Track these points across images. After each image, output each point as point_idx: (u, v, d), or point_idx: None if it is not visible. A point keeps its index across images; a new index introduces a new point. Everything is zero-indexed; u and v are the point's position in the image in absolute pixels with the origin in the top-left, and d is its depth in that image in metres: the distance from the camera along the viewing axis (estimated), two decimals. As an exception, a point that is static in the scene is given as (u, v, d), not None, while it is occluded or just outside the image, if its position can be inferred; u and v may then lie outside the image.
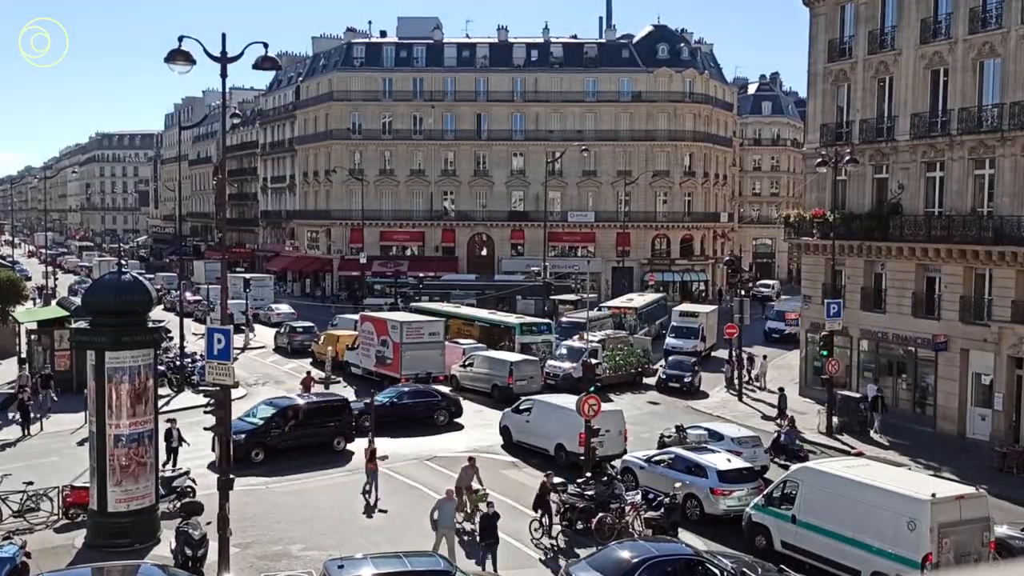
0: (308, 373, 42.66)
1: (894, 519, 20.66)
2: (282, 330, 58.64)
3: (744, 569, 20.54)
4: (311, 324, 58.05)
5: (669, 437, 31.91)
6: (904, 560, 20.27)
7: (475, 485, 25.71)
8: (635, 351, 48.30)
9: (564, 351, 46.54)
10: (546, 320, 53.22)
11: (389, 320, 45.95)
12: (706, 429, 32.08)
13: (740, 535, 24.51)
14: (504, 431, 34.55)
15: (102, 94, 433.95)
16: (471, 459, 26.60)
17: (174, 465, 28.87)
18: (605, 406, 30.14)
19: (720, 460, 27.44)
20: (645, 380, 46.72)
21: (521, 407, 34.30)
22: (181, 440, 30.09)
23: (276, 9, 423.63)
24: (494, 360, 43.27)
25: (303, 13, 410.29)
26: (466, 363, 44.74)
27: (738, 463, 27.69)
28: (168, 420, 30.21)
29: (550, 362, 45.69)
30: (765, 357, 48.99)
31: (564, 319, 54.60)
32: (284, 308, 69.97)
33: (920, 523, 20.17)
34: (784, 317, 60.87)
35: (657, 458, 28.40)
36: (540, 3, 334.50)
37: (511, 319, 51.05)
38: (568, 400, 32.06)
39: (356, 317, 51.94)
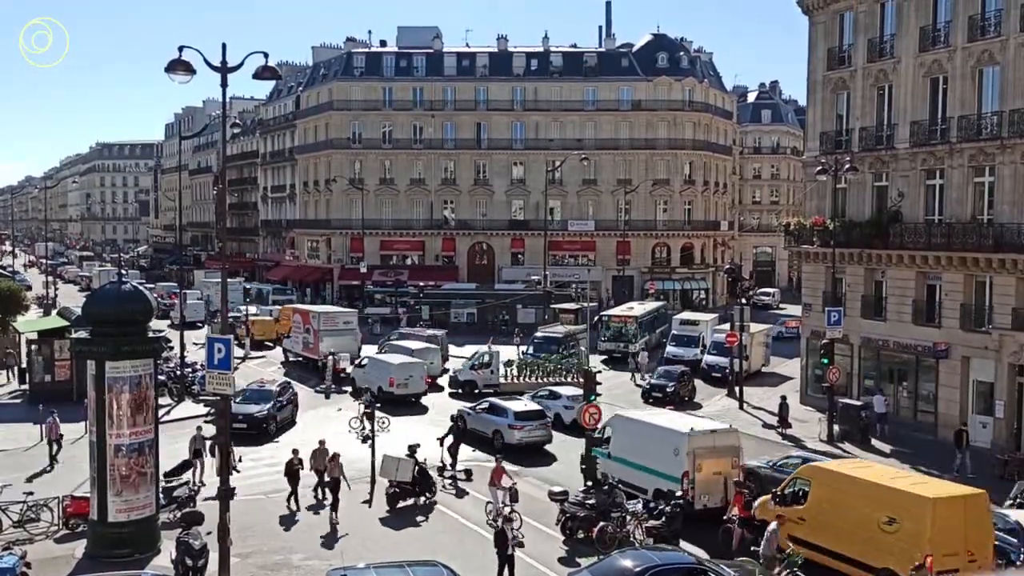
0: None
1: (666, 449, 26.98)
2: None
3: None
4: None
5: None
6: (672, 478, 26.48)
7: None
8: (573, 358, 48.52)
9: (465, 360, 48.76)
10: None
11: (311, 311, 54.07)
12: (548, 390, 41.10)
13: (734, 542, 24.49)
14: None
15: (102, 104, 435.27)
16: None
17: (200, 474, 29.46)
18: (404, 358, 44.72)
19: (518, 405, 36.53)
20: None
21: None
22: (207, 451, 30.09)
23: (276, 19, 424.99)
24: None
25: (303, 23, 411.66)
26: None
27: (532, 406, 36.68)
28: (197, 428, 31.75)
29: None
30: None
31: (539, 332, 54.52)
32: None
33: (681, 450, 26.54)
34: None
35: (479, 407, 37.26)
36: (540, 12, 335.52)
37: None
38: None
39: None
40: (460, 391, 46.13)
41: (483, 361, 46.94)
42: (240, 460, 29.54)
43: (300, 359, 54.22)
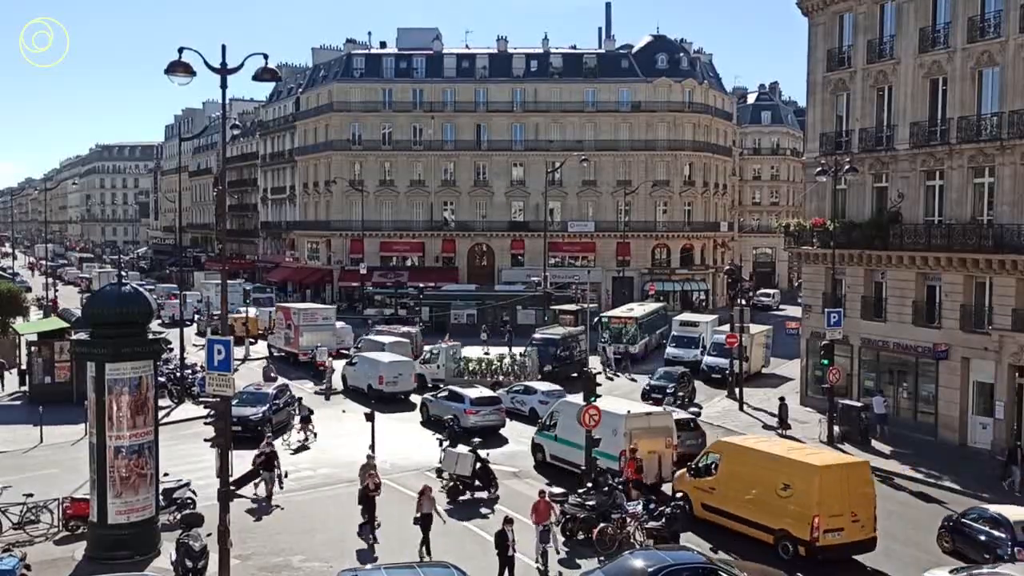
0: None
1: (607, 430, 28.97)
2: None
3: None
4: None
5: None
6: (611, 456, 29.10)
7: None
8: (512, 362, 48.38)
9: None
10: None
11: (292, 308, 57.79)
12: (524, 385, 43.16)
13: (742, 543, 24.50)
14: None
15: (102, 106, 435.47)
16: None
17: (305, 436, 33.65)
18: (393, 356, 46.51)
19: (474, 392, 39.72)
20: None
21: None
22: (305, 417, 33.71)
23: (276, 21, 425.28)
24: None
25: (303, 25, 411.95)
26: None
27: (487, 393, 40.02)
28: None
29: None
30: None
31: (537, 334, 54.49)
32: None
33: (619, 430, 29.31)
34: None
35: (440, 394, 40.71)
36: (539, 14, 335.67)
37: None
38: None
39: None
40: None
41: (426, 358, 48.68)
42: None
43: (283, 354, 57.05)
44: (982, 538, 23.63)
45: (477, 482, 28.85)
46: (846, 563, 23.59)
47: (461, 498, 28.65)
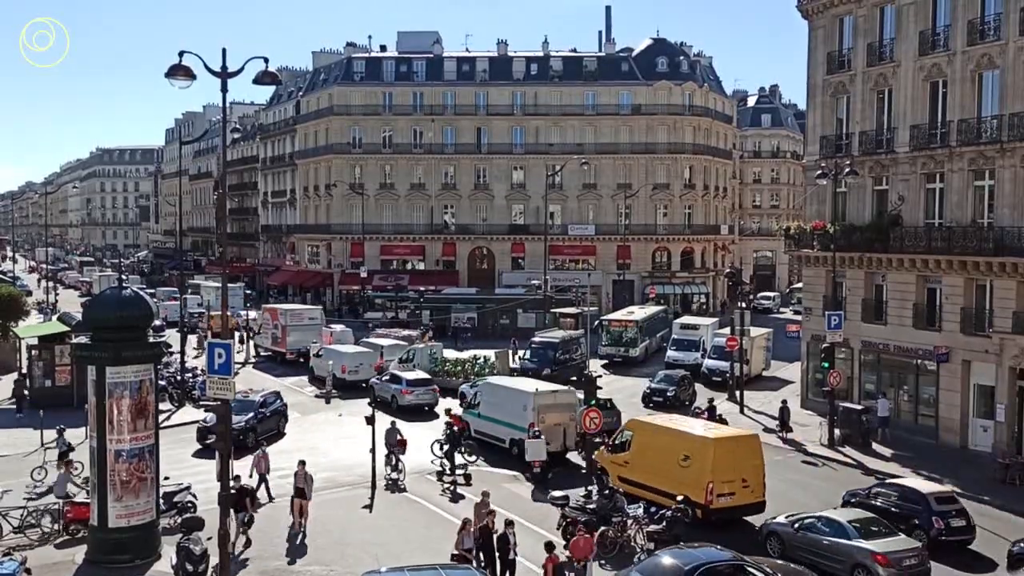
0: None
1: (518, 406, 33.81)
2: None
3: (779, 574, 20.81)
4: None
5: None
6: (522, 429, 32.87)
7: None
8: (485, 362, 49.08)
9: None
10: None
11: (279, 308, 60.29)
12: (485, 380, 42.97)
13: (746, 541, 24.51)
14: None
15: (103, 109, 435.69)
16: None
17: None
18: (355, 349, 51.00)
19: (410, 374, 44.49)
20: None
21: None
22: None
23: (276, 24, 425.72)
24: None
25: (303, 28, 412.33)
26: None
27: (421, 376, 44.64)
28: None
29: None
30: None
31: (536, 338, 54.53)
32: None
33: (528, 406, 33.29)
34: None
35: (384, 377, 45.19)
36: (539, 17, 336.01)
37: None
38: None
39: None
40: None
41: (403, 358, 49.76)
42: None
43: (270, 353, 59.17)
44: (895, 510, 25.47)
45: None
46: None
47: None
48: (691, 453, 26.92)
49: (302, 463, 26.87)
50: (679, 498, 25.60)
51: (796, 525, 24.11)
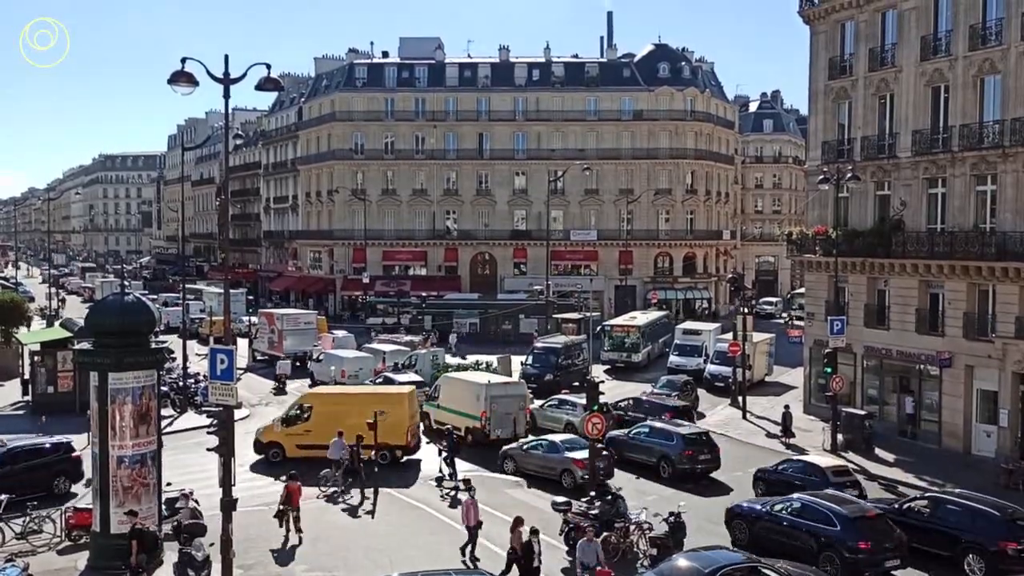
0: None
1: (473, 396, 37.53)
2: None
3: None
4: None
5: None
6: (475, 417, 37.09)
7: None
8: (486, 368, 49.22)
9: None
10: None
11: (275, 313, 61.26)
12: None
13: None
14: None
15: (105, 115, 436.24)
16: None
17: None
18: (354, 353, 51.66)
19: (403, 376, 45.29)
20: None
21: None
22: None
23: (278, 31, 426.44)
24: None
25: (305, 34, 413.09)
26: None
27: (414, 379, 44.43)
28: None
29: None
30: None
31: (537, 343, 54.49)
32: None
33: (481, 396, 37.11)
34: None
35: (378, 380, 45.46)
36: (541, 23, 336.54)
37: None
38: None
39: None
40: None
41: (406, 363, 50.33)
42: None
43: (266, 357, 59.47)
44: (796, 482, 28.55)
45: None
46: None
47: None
48: (386, 408, 32.21)
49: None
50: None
51: (525, 447, 33.09)
